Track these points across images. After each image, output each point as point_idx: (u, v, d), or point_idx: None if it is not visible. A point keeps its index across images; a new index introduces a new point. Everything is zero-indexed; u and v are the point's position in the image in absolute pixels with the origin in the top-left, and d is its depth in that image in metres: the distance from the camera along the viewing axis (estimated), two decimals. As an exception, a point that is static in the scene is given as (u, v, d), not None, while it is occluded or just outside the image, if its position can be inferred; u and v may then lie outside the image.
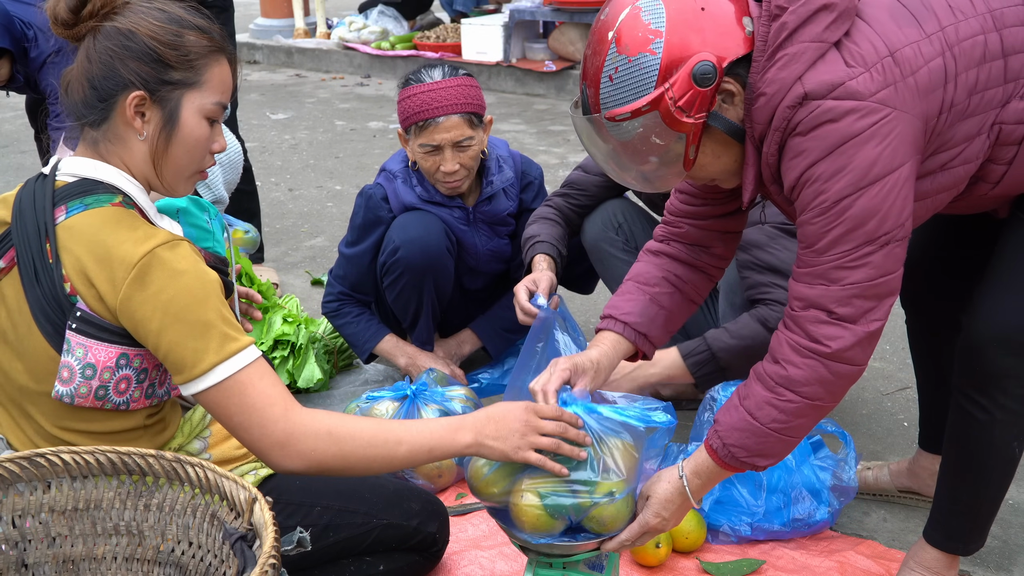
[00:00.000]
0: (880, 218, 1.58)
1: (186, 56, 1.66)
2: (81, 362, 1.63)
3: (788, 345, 1.67)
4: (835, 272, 1.61)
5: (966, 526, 2.01)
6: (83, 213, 1.64)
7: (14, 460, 1.52)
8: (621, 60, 1.59)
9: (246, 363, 1.62)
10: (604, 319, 1.99)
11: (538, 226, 2.77)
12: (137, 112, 1.66)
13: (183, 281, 1.60)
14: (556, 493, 1.74)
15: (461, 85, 2.74)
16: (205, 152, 1.73)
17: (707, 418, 2.41)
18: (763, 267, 2.31)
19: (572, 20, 6.99)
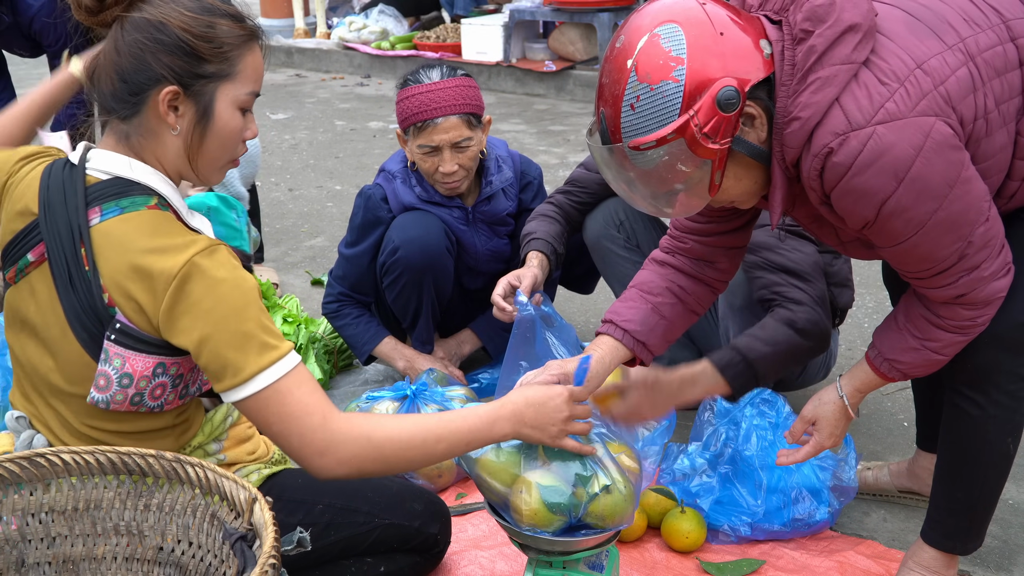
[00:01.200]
0: (976, 208, 1.65)
1: (220, 48, 1.61)
2: (119, 372, 1.62)
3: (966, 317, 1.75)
4: (965, 263, 1.69)
5: (963, 525, 2.01)
6: (119, 217, 1.60)
7: (14, 460, 1.52)
8: (643, 88, 1.57)
9: (285, 371, 1.59)
10: (605, 323, 2.00)
11: (536, 223, 2.77)
12: (171, 107, 1.61)
13: (222, 290, 1.57)
14: (554, 488, 1.75)
15: (459, 86, 2.74)
16: (239, 142, 1.70)
17: (707, 418, 2.41)
18: (775, 267, 2.31)
19: (572, 20, 6.99)
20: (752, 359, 2.21)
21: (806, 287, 2.27)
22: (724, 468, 2.35)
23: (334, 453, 1.61)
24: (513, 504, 1.78)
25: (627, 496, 1.77)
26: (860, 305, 3.57)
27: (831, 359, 2.67)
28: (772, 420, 2.34)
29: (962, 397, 1.90)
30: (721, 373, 2.19)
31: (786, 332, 2.24)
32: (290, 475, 1.93)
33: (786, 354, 2.24)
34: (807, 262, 2.30)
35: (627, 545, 2.30)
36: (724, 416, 2.38)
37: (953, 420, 1.94)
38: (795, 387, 2.71)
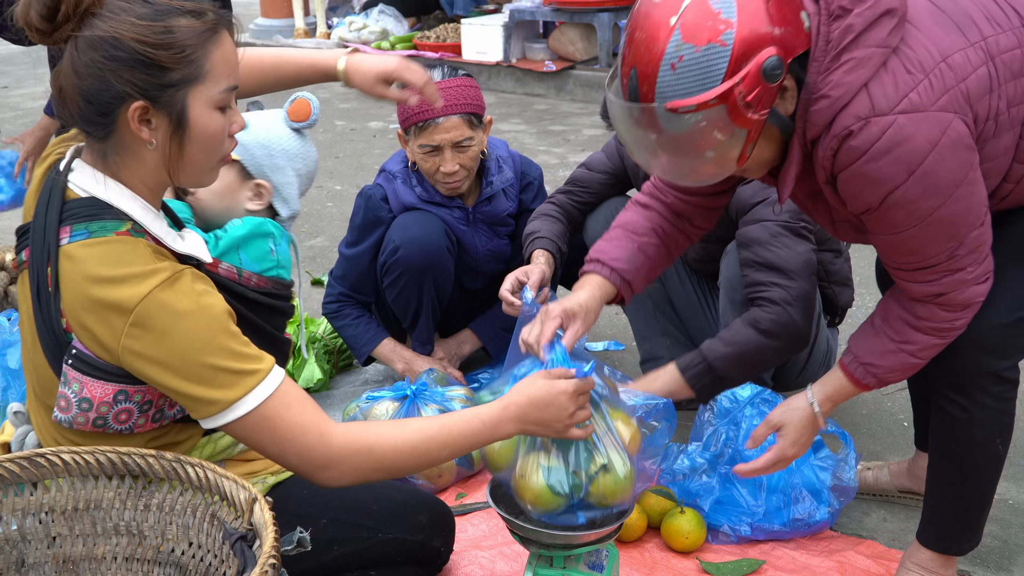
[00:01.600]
0: (975, 211, 1.66)
1: (181, 53, 1.51)
2: (77, 396, 1.58)
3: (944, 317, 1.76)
4: (952, 263, 1.69)
5: (957, 526, 2.01)
6: (84, 241, 1.53)
7: (14, 460, 1.52)
8: (687, 49, 1.51)
9: (266, 395, 1.55)
10: (591, 262, 2.02)
11: (539, 222, 2.77)
12: (142, 122, 1.53)
13: (185, 324, 1.51)
14: (556, 469, 1.75)
15: (461, 86, 2.74)
16: (223, 141, 1.61)
17: (707, 418, 2.41)
18: (763, 265, 2.31)
19: (572, 20, 6.99)
20: (711, 359, 2.25)
21: (789, 285, 2.28)
22: (724, 468, 2.35)
23: (336, 467, 1.61)
24: (516, 487, 1.78)
25: (626, 474, 1.77)
26: (860, 305, 3.57)
27: (831, 358, 2.67)
28: (772, 420, 2.33)
29: (947, 401, 1.90)
30: (682, 373, 2.24)
31: (748, 333, 2.26)
32: (296, 486, 1.89)
33: (751, 355, 2.25)
34: (796, 261, 2.30)
35: (627, 545, 2.30)
36: (724, 416, 2.38)
37: (940, 424, 1.94)
38: (795, 386, 2.71)
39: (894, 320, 1.80)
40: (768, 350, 2.26)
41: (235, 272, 1.77)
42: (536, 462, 1.76)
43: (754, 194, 2.38)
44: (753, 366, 2.28)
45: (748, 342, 2.26)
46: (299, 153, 2.08)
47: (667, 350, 2.83)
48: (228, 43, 1.58)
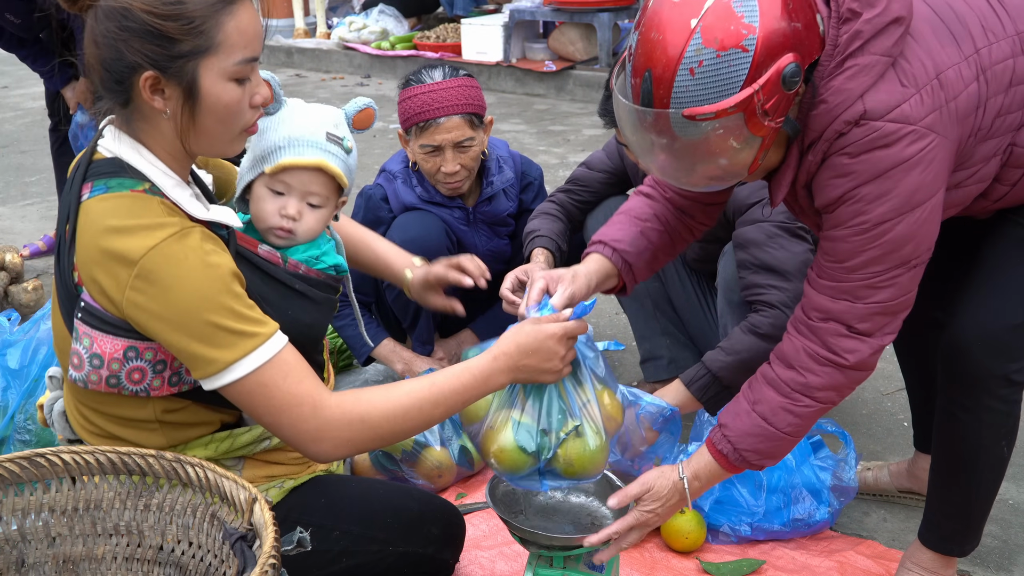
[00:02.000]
0: (916, 243, 1.61)
1: (190, 24, 1.51)
2: (88, 351, 1.60)
3: (806, 353, 1.69)
4: (863, 291, 1.63)
5: (960, 528, 2.01)
6: (102, 196, 1.57)
7: (14, 460, 1.52)
8: (708, 54, 1.45)
9: (264, 360, 1.56)
10: (594, 244, 1.98)
11: (539, 221, 2.77)
12: (155, 91, 1.55)
13: (189, 279, 1.52)
14: (525, 426, 1.72)
15: (462, 86, 2.74)
16: (240, 111, 1.60)
17: (707, 418, 2.41)
18: (759, 266, 2.32)
19: (572, 20, 6.99)
20: (715, 371, 2.28)
21: (786, 287, 2.28)
22: (724, 468, 2.35)
23: (329, 439, 1.60)
24: (483, 440, 1.76)
25: (598, 445, 1.73)
26: (860, 305, 3.57)
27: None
28: (772, 420, 2.33)
29: (955, 404, 1.89)
30: (687, 387, 2.27)
31: (749, 340, 2.27)
32: (313, 494, 1.87)
33: (753, 361, 2.24)
34: (793, 262, 2.31)
35: (627, 545, 2.30)
36: (724, 416, 2.38)
37: (947, 426, 1.93)
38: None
39: (755, 379, 1.77)
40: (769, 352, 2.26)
41: (279, 256, 1.75)
42: (508, 416, 1.74)
43: (750, 195, 2.38)
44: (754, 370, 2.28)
45: (749, 349, 2.26)
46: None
47: (667, 350, 2.83)
48: (246, 15, 1.57)
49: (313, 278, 1.78)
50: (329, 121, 1.80)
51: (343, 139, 1.81)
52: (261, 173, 1.76)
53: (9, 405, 2.44)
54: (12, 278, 3.59)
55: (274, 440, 1.81)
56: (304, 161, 1.75)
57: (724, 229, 2.51)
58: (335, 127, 1.81)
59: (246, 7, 1.57)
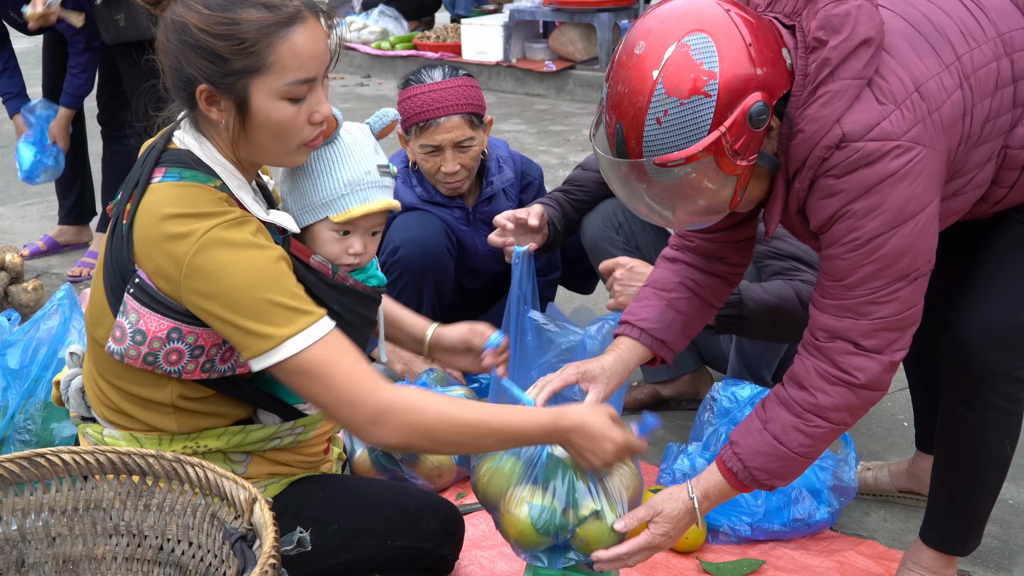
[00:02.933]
0: (912, 256, 1.60)
1: (241, 44, 1.56)
2: (133, 327, 1.64)
3: (816, 373, 1.68)
4: (865, 307, 1.63)
5: (962, 527, 2.01)
6: (174, 183, 1.62)
7: (14, 460, 1.52)
8: (671, 103, 1.50)
9: (318, 336, 1.59)
10: (622, 324, 1.96)
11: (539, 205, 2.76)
12: (211, 103, 1.62)
13: (245, 258, 1.57)
14: (544, 508, 1.74)
15: (462, 86, 2.74)
16: (295, 130, 1.64)
17: (707, 418, 2.41)
18: (784, 255, 2.30)
19: (572, 20, 6.99)
20: (745, 296, 2.23)
21: (815, 274, 2.26)
22: (724, 468, 2.35)
23: (386, 422, 1.61)
24: (502, 521, 1.79)
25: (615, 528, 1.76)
26: (860, 305, 3.57)
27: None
28: (772, 420, 2.33)
29: (960, 402, 1.89)
30: None
31: (789, 293, 2.24)
32: (311, 488, 1.88)
33: (781, 313, 2.23)
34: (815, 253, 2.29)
35: (627, 545, 2.30)
36: (724, 416, 2.38)
37: (950, 425, 1.93)
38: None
39: (768, 399, 1.76)
40: (798, 319, 2.22)
41: (329, 268, 1.77)
42: (526, 494, 1.76)
43: None
44: (776, 325, 2.25)
45: (786, 301, 2.23)
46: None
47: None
48: (304, 36, 1.60)
49: (359, 292, 1.81)
50: (374, 151, 1.86)
51: (389, 167, 1.86)
52: (325, 218, 1.80)
53: (9, 405, 2.44)
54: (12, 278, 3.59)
55: (284, 440, 1.81)
56: (373, 208, 1.80)
57: None
58: (379, 154, 1.86)
59: (305, 29, 1.60)
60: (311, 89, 1.64)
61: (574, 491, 1.75)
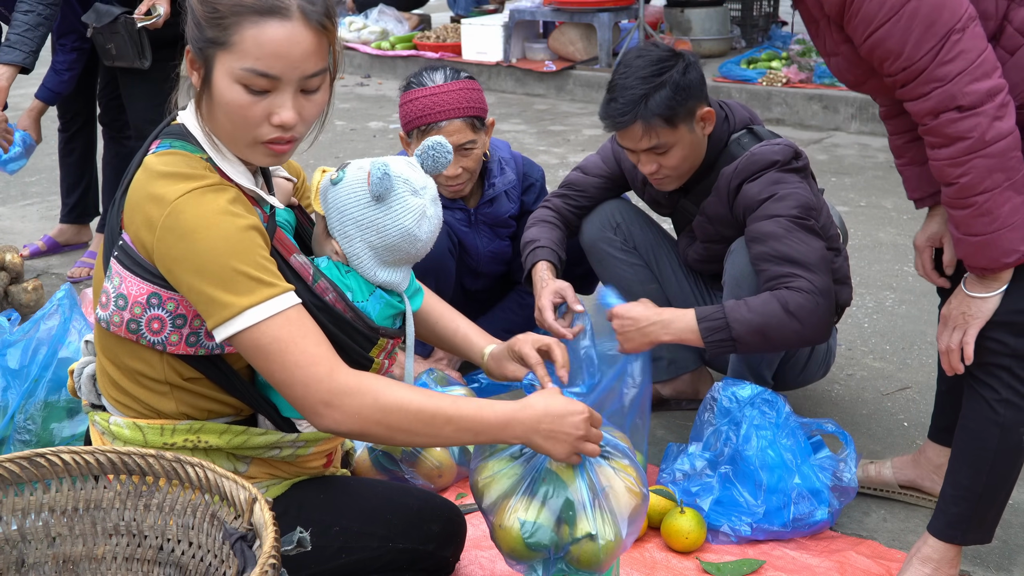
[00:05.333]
0: (952, 9, 1.69)
1: (214, 14, 1.57)
2: (116, 291, 1.66)
3: (941, 161, 1.76)
4: (938, 71, 1.71)
5: (966, 513, 2.02)
6: (163, 151, 1.65)
7: (14, 460, 1.52)
8: None
9: (278, 310, 1.57)
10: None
11: (537, 230, 2.75)
12: (192, 67, 1.64)
13: (216, 224, 1.57)
14: (537, 526, 1.74)
15: (463, 89, 2.74)
16: (248, 122, 1.61)
17: (707, 418, 2.41)
18: (781, 258, 2.30)
19: (572, 20, 6.99)
20: (731, 320, 2.25)
21: (813, 278, 2.27)
22: (724, 468, 2.35)
23: (339, 406, 1.59)
24: (496, 536, 1.80)
25: (609, 543, 1.75)
26: (860, 305, 3.57)
27: (831, 356, 2.67)
28: (772, 420, 2.33)
29: (977, 382, 1.95)
30: (698, 322, 2.27)
31: (774, 307, 2.25)
32: (311, 490, 1.87)
33: (770, 329, 2.24)
34: (814, 255, 2.29)
35: (627, 545, 2.30)
36: (724, 416, 2.38)
37: (968, 404, 1.98)
38: (795, 386, 2.71)
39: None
40: (788, 331, 2.24)
41: (310, 272, 1.74)
42: (518, 514, 1.76)
43: (761, 191, 2.38)
44: (769, 340, 2.26)
45: (772, 315, 2.23)
46: (372, 224, 1.79)
47: (667, 350, 2.83)
48: (278, 32, 1.56)
49: (336, 311, 1.73)
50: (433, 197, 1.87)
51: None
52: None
53: (9, 405, 2.44)
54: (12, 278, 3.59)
55: (284, 451, 1.80)
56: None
57: (732, 229, 2.50)
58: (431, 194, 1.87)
59: (283, 26, 1.57)
60: (275, 88, 1.59)
61: (570, 507, 1.75)
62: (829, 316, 2.28)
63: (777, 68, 6.55)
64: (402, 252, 1.84)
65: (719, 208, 2.49)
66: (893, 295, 3.61)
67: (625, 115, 2.37)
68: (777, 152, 2.41)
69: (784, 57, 6.74)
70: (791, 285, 2.27)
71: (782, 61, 6.69)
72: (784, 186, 2.37)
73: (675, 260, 2.80)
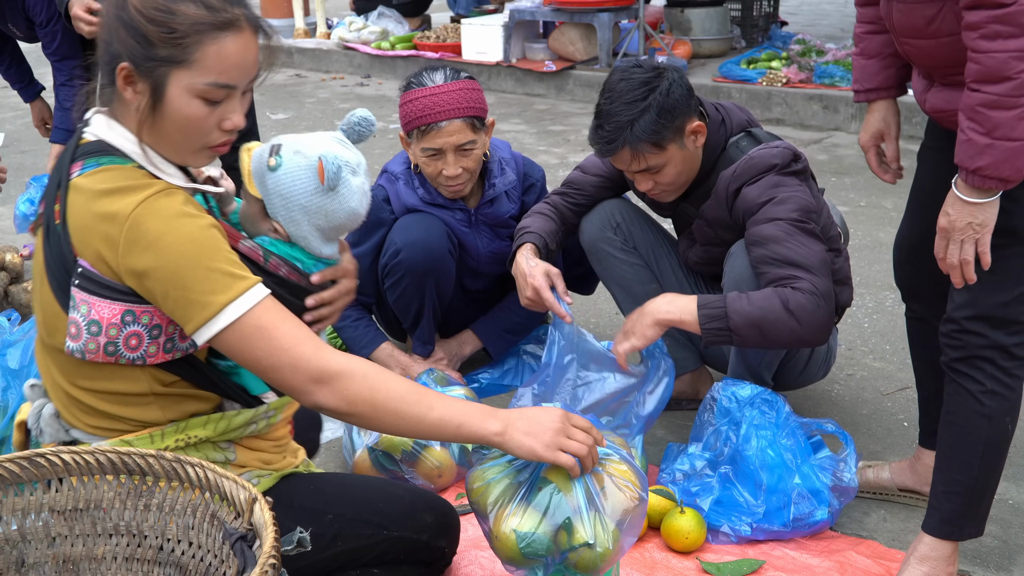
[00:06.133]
0: None
1: (171, 34, 1.59)
2: (86, 319, 1.64)
3: (1016, 55, 1.68)
4: None
5: (960, 508, 2.02)
6: (92, 171, 1.63)
7: (14, 460, 1.52)
8: None
9: (258, 299, 1.61)
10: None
11: (531, 219, 2.75)
12: (128, 82, 1.64)
13: (178, 228, 1.59)
14: (534, 536, 1.75)
15: (463, 89, 2.73)
16: (204, 130, 1.67)
17: (707, 418, 2.41)
18: (782, 261, 2.30)
19: (572, 20, 6.99)
20: (731, 309, 2.26)
21: (813, 279, 2.26)
22: (724, 468, 2.35)
23: (328, 383, 1.63)
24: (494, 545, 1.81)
25: (607, 549, 1.76)
26: (860, 305, 3.57)
27: (831, 357, 2.67)
28: (772, 420, 2.34)
29: (960, 375, 1.96)
30: (698, 308, 2.29)
31: (774, 302, 2.24)
32: (302, 481, 1.89)
33: (768, 324, 2.24)
34: (815, 258, 2.29)
35: (627, 545, 2.30)
36: (724, 416, 2.38)
37: (953, 399, 1.99)
38: (795, 386, 2.71)
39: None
40: (786, 328, 2.24)
41: (260, 254, 1.77)
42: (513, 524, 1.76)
43: (760, 194, 2.38)
44: (767, 336, 2.26)
45: (771, 311, 2.23)
46: (320, 210, 1.84)
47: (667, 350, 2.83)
48: (235, 44, 1.63)
49: (292, 282, 1.80)
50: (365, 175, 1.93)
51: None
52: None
53: (9, 405, 2.44)
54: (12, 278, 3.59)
55: (259, 425, 1.83)
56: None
57: (731, 232, 2.50)
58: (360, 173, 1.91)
59: (237, 38, 1.63)
60: (228, 96, 1.66)
61: (566, 516, 1.75)
62: (828, 319, 2.28)
63: (777, 68, 6.55)
64: (345, 229, 1.94)
65: (718, 212, 2.49)
66: (893, 295, 3.60)
67: (612, 143, 2.39)
68: (776, 155, 2.41)
69: (784, 57, 6.74)
70: (794, 285, 2.27)
71: (782, 61, 6.69)
72: (783, 189, 2.37)
73: (675, 260, 2.80)
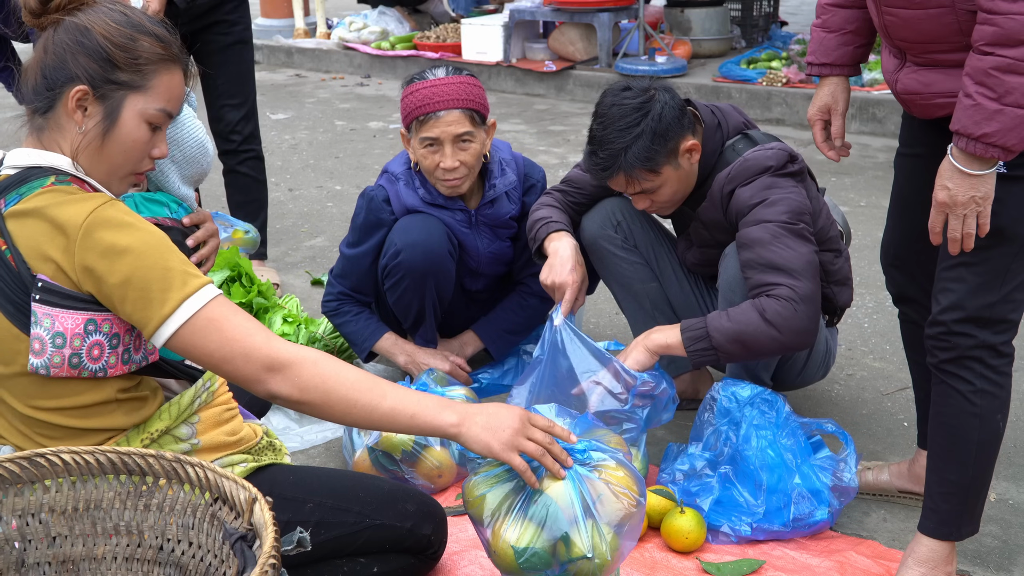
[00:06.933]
0: None
1: (135, 60, 1.72)
2: (50, 332, 1.66)
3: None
4: None
5: (957, 509, 2.02)
6: (20, 202, 1.67)
7: (14, 460, 1.52)
8: None
9: (211, 296, 1.66)
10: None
11: (549, 211, 2.75)
12: (79, 105, 1.71)
13: (131, 231, 1.65)
14: (532, 549, 1.76)
15: (464, 83, 2.74)
16: (142, 156, 1.77)
17: (707, 418, 2.41)
18: (766, 265, 2.30)
19: (572, 20, 6.99)
20: (711, 328, 2.31)
21: (795, 284, 2.27)
22: (724, 468, 2.35)
23: (281, 370, 1.67)
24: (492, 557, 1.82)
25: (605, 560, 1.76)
26: (860, 305, 3.57)
27: (830, 357, 2.67)
28: (772, 420, 2.34)
29: (950, 376, 1.96)
30: (682, 332, 2.34)
31: (752, 316, 2.27)
32: (281, 471, 1.92)
33: (749, 337, 2.26)
34: (800, 261, 2.30)
35: (627, 545, 2.30)
36: (724, 416, 2.38)
37: (943, 400, 1.99)
38: (794, 387, 2.71)
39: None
40: (767, 338, 2.26)
41: (155, 219, 1.93)
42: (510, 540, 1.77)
43: (752, 196, 2.38)
44: (750, 349, 2.28)
45: (750, 324, 2.26)
46: (172, 139, 2.13)
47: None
48: (177, 78, 1.80)
49: (175, 229, 1.97)
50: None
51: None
52: None
53: None
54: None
55: (203, 396, 1.87)
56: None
57: (725, 234, 2.50)
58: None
59: (177, 73, 1.80)
60: (165, 125, 1.80)
61: (563, 529, 1.75)
62: (808, 323, 2.28)
63: (777, 68, 6.55)
64: (197, 165, 2.13)
65: (713, 214, 2.50)
66: (893, 295, 3.61)
67: (607, 169, 2.43)
68: (771, 157, 2.41)
69: (784, 57, 6.74)
70: (771, 293, 2.29)
71: (782, 61, 6.69)
72: (776, 191, 2.37)
73: (675, 259, 2.80)
